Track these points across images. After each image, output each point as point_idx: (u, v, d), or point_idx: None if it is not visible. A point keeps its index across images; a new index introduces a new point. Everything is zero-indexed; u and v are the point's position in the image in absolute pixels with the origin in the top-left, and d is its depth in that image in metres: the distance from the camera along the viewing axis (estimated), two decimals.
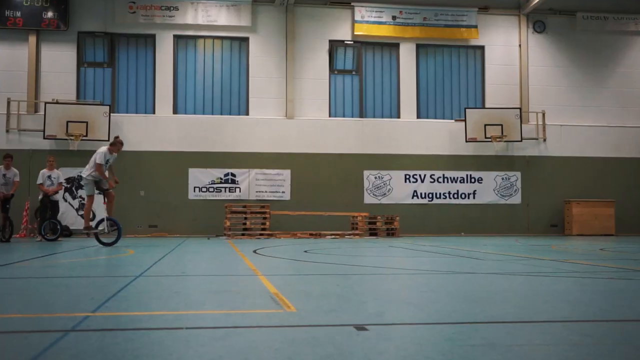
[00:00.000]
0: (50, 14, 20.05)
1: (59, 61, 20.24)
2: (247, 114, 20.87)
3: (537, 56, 22.23)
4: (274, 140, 20.56)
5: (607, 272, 6.84)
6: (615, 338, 3.14)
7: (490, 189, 21.51)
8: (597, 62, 22.48)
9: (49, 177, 15.64)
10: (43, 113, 19.41)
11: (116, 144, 12.61)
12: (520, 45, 22.15)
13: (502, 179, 21.60)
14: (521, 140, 21.25)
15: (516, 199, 21.63)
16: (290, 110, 20.79)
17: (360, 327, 3.29)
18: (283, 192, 20.53)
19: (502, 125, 20.96)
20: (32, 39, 20.06)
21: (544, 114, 21.82)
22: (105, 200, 12.58)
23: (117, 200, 19.56)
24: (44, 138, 19.34)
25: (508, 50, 22.15)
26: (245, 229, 18.52)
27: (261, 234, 18.34)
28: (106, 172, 12.27)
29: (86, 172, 12.36)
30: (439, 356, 2.69)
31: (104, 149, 12.45)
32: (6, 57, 20.03)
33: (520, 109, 21.40)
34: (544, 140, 21.87)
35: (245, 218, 18.70)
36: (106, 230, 12.31)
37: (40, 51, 20.17)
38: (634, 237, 19.71)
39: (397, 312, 4.01)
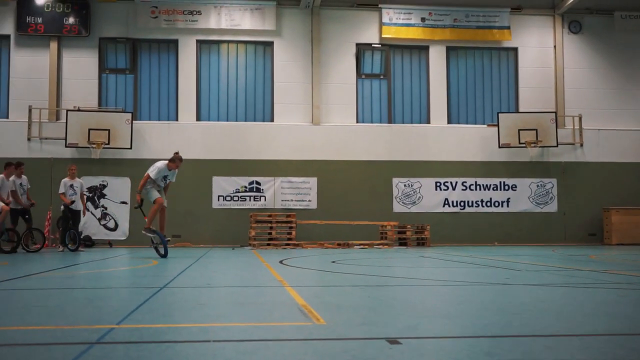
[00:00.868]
0: (71, 20, 20.32)
1: (81, 68, 20.48)
2: (272, 120, 20.93)
3: (573, 58, 22.02)
4: (300, 147, 20.58)
5: None
6: None
7: (524, 196, 21.32)
8: (637, 63, 22.21)
9: (71, 186, 15.78)
10: (64, 121, 19.64)
11: (175, 160, 12.44)
12: (555, 47, 21.96)
13: (537, 186, 21.40)
14: (557, 146, 21.04)
15: (552, 207, 21.40)
16: (316, 116, 20.81)
17: (394, 341, 3.26)
18: (309, 200, 20.52)
19: (536, 130, 20.77)
20: (54, 45, 20.34)
21: (580, 118, 21.59)
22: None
23: (139, 211, 19.84)
24: (66, 146, 19.56)
25: (542, 52, 21.97)
26: (270, 239, 18.55)
27: (287, 244, 18.34)
28: (162, 185, 12.55)
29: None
30: None
31: (161, 164, 12.39)
32: (27, 64, 20.32)
33: (555, 113, 21.20)
34: (581, 145, 21.63)
35: (271, 227, 18.73)
36: (154, 242, 12.41)
37: (62, 57, 20.44)
38: None
39: (431, 325, 3.97)
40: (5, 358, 2.96)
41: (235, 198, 20.29)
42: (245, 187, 20.35)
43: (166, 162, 12.46)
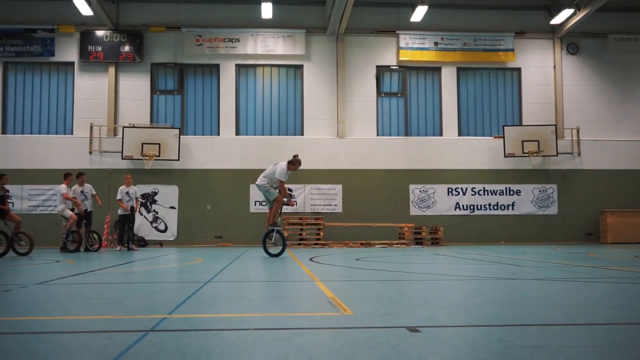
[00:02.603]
0: (127, 48, 20.57)
1: (135, 89, 20.72)
2: (302, 134, 20.97)
3: (571, 76, 21.78)
4: (327, 158, 20.59)
5: None
6: None
7: (528, 200, 21.11)
8: (629, 80, 21.91)
9: (127, 193, 15.96)
10: (121, 136, 19.88)
11: (295, 163, 11.80)
12: (554, 67, 21.74)
13: (539, 191, 21.17)
14: (557, 155, 20.80)
15: (553, 210, 21.16)
16: (341, 130, 20.80)
17: (413, 329, 3.23)
18: (335, 205, 20.51)
19: (538, 141, 20.57)
20: (112, 70, 20.61)
21: (578, 130, 21.34)
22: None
23: (186, 214, 20.02)
24: (122, 158, 19.78)
25: (543, 72, 21.77)
26: (301, 239, 18.56)
27: (316, 244, 18.34)
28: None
29: (260, 180, 11.85)
30: (491, 357, 2.61)
31: (284, 165, 11.68)
32: (89, 87, 20.61)
33: (555, 125, 20.98)
34: (579, 154, 21.37)
35: (301, 229, 18.75)
36: (273, 241, 11.68)
37: (119, 81, 20.70)
38: None
39: (447, 315, 3.92)
40: (72, 344, 2.99)
41: None
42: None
43: (286, 164, 11.74)
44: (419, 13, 19.83)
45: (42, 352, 2.76)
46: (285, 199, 11.76)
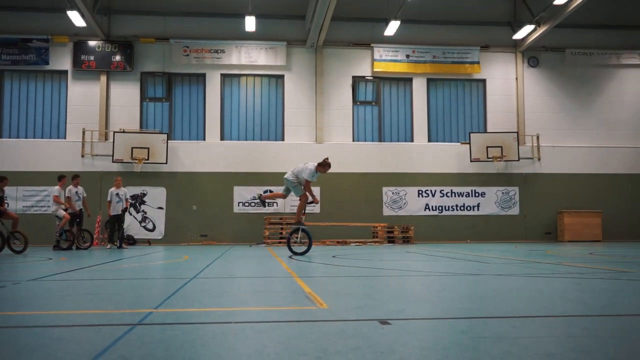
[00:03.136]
0: (118, 58, 20.40)
1: (125, 97, 20.56)
2: (283, 139, 20.95)
3: (532, 87, 22.04)
4: (305, 162, 20.52)
5: (597, 273, 6.68)
6: (610, 331, 3.05)
7: (492, 202, 21.29)
8: (585, 91, 22.22)
9: (117, 194, 15.82)
10: (112, 140, 19.71)
11: (324, 165, 11.12)
12: (516, 78, 21.98)
13: (502, 193, 21.37)
14: (518, 160, 21.03)
15: (515, 211, 21.37)
16: (319, 136, 20.82)
17: (384, 322, 3.24)
18: (314, 206, 20.46)
19: (501, 147, 20.78)
20: (103, 78, 20.42)
21: (538, 137, 21.58)
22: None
23: (173, 215, 19.88)
24: (113, 162, 19.61)
25: (506, 83, 22.00)
26: (281, 238, 18.50)
27: (295, 242, 18.26)
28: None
29: (290, 175, 11.24)
30: (454, 347, 2.63)
31: (312, 166, 11.01)
32: (82, 94, 20.41)
33: (517, 132, 21.20)
34: (539, 159, 21.62)
35: (282, 228, 18.71)
36: (298, 240, 11.28)
37: (110, 88, 20.52)
38: (619, 242, 19.32)
39: (416, 308, 3.94)
40: (63, 337, 2.95)
41: (252, 204, 20.27)
42: (261, 194, 20.28)
43: (315, 165, 11.07)
44: (392, 28, 19.93)
45: (34, 345, 2.72)
46: (310, 198, 11.23)
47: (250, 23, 19.36)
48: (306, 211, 19.97)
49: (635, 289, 5.08)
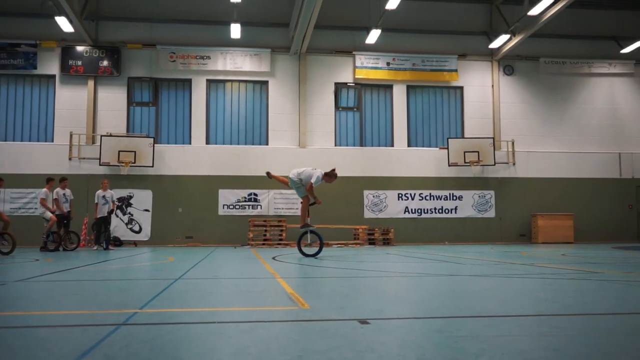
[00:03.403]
0: (105, 63, 20.24)
1: (113, 101, 20.39)
2: (267, 144, 20.91)
3: (507, 94, 22.24)
4: (289, 166, 20.31)
5: (569, 273, 6.76)
6: (580, 329, 3.09)
7: (469, 205, 21.43)
8: (558, 99, 22.48)
9: (103, 196, 15.65)
10: (99, 144, 19.53)
11: (331, 176, 10.81)
12: (493, 86, 22.17)
13: (479, 196, 21.52)
14: (494, 164, 21.19)
15: (491, 214, 21.52)
16: (302, 140, 20.82)
17: (364, 321, 3.25)
18: (297, 208, 20.41)
19: (478, 152, 20.92)
20: (91, 83, 20.24)
21: (513, 142, 21.78)
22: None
23: (159, 217, 19.74)
24: (100, 165, 19.43)
25: (483, 90, 22.17)
26: (265, 240, 18.49)
27: (279, 244, 18.29)
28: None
29: (293, 175, 10.95)
30: (431, 345, 2.64)
31: (320, 174, 10.65)
32: (69, 98, 20.21)
33: (493, 138, 21.37)
34: (514, 164, 21.81)
35: (266, 230, 18.69)
36: (309, 241, 11.03)
37: (97, 93, 20.34)
38: (590, 244, 19.54)
39: (394, 308, 3.96)
40: (49, 338, 2.92)
41: (237, 206, 20.21)
42: (245, 197, 20.29)
43: (322, 173, 10.71)
44: (373, 36, 20.02)
45: (18, 346, 2.69)
46: (312, 199, 10.90)
47: (235, 30, 19.33)
48: (289, 214, 20.07)
49: (604, 289, 5.14)
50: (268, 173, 11.96)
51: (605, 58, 22.70)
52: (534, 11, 18.89)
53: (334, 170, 11.11)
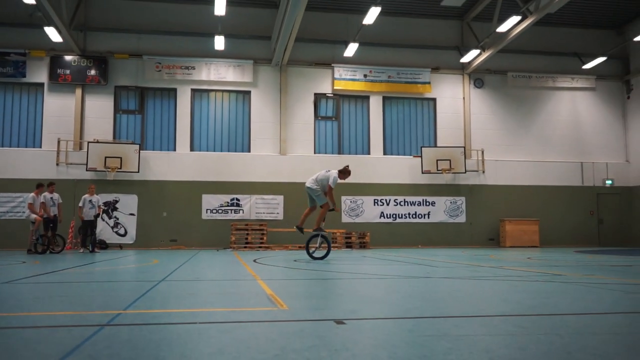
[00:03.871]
0: (93, 72, 20.03)
1: (100, 109, 20.18)
2: (249, 151, 20.85)
3: (477, 106, 22.49)
4: (270, 172, 20.53)
5: (534, 276, 6.83)
6: (543, 329, 3.12)
7: (441, 210, 21.57)
8: (524, 111, 22.78)
9: (90, 201, 15.49)
10: (86, 150, 19.30)
11: (345, 173, 10.59)
12: (464, 98, 22.40)
13: (451, 202, 21.67)
14: (465, 172, 21.38)
15: (462, 219, 21.69)
16: (283, 148, 20.80)
17: (340, 322, 3.25)
18: (277, 213, 20.45)
19: (450, 160, 21.09)
20: (78, 91, 20.01)
21: (483, 152, 22.00)
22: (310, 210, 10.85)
23: (144, 220, 19.55)
24: (87, 170, 19.19)
25: (454, 102, 22.39)
26: (247, 243, 18.41)
27: (260, 247, 18.22)
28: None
29: (312, 183, 10.52)
30: (402, 344, 2.65)
31: (335, 173, 10.43)
32: (57, 106, 19.95)
33: (464, 147, 21.57)
34: (483, 172, 22.02)
35: (247, 234, 18.60)
36: (317, 245, 10.82)
37: (85, 101, 20.11)
38: (554, 248, 19.80)
39: (369, 309, 3.96)
40: (33, 338, 2.87)
41: (220, 211, 20.10)
42: (228, 202, 20.19)
43: (337, 172, 10.51)
44: (351, 49, 20.13)
45: (4, 346, 2.64)
46: (331, 205, 10.61)
47: (219, 42, 19.28)
48: (269, 218, 20.01)
49: (566, 290, 5.21)
50: (297, 227, 11.25)
51: (568, 73, 23.09)
52: (502, 28, 19.16)
53: (347, 167, 10.82)
